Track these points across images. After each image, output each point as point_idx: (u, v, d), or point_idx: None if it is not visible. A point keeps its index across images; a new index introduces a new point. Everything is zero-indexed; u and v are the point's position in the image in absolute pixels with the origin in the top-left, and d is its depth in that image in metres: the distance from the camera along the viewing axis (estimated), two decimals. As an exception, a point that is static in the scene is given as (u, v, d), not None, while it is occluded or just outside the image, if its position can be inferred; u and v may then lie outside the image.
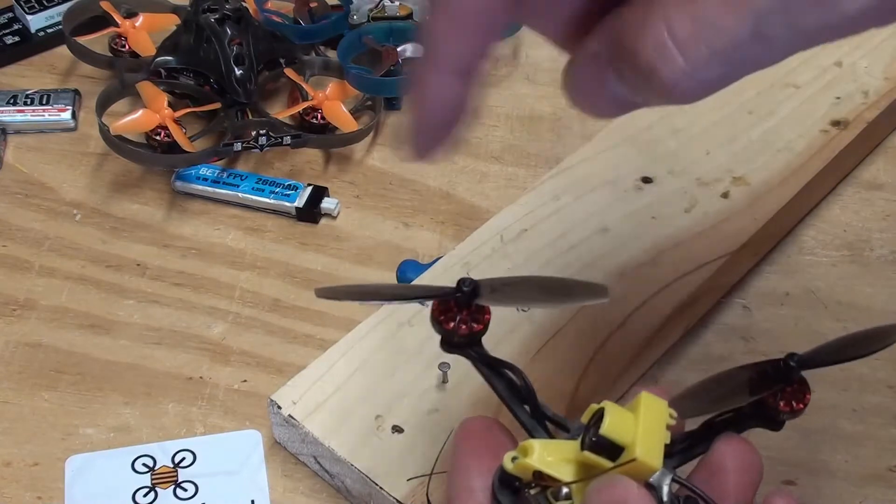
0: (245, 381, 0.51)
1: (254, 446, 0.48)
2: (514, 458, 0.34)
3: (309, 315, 0.53)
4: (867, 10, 0.30)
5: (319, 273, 0.55)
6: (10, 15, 0.67)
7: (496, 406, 0.46)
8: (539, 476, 0.34)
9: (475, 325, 0.36)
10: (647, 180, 0.55)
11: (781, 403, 0.36)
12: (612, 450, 0.33)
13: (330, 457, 0.45)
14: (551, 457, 0.34)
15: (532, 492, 0.34)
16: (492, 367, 0.37)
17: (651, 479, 0.33)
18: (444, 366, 0.47)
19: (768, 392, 0.36)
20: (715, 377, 0.37)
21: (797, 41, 0.31)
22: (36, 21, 0.65)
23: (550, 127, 0.62)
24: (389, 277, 0.54)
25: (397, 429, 0.45)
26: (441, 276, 0.51)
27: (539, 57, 0.66)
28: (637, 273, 0.51)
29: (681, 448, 0.36)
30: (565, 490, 0.33)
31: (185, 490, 0.46)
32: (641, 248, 0.52)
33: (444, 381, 0.47)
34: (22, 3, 0.66)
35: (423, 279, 0.51)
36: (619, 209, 0.54)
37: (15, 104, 0.61)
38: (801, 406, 0.36)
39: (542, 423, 0.37)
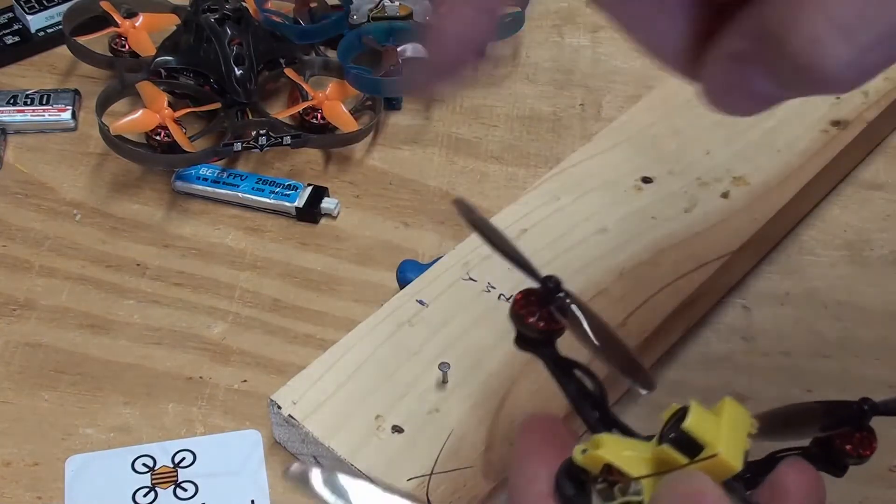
0: (245, 381, 0.51)
1: (254, 446, 0.48)
2: (584, 451, 0.33)
3: (309, 315, 0.53)
4: None
5: (319, 273, 0.55)
6: (10, 15, 0.67)
7: (496, 407, 0.46)
8: (608, 470, 0.33)
9: (554, 324, 0.36)
10: (647, 180, 0.55)
11: (849, 447, 0.35)
12: (691, 448, 0.32)
13: (330, 457, 0.45)
14: (623, 451, 0.33)
15: (599, 486, 0.33)
16: (563, 369, 0.37)
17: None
18: (444, 366, 0.47)
19: (836, 432, 0.35)
20: (789, 407, 0.37)
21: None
22: (36, 21, 0.65)
23: (550, 127, 0.62)
24: (389, 277, 0.54)
25: (397, 429, 0.45)
26: (441, 276, 0.51)
27: (539, 57, 0.66)
28: (637, 273, 0.51)
29: (743, 474, 0.36)
30: (635, 486, 0.33)
31: (185, 490, 0.46)
32: (641, 247, 0.52)
33: (444, 381, 0.47)
34: (22, 3, 0.66)
35: (424, 279, 0.51)
36: (618, 209, 0.54)
37: (15, 104, 0.61)
38: (868, 453, 0.35)
39: (610, 429, 0.36)
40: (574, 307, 0.35)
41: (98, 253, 0.56)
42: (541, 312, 0.36)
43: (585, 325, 0.36)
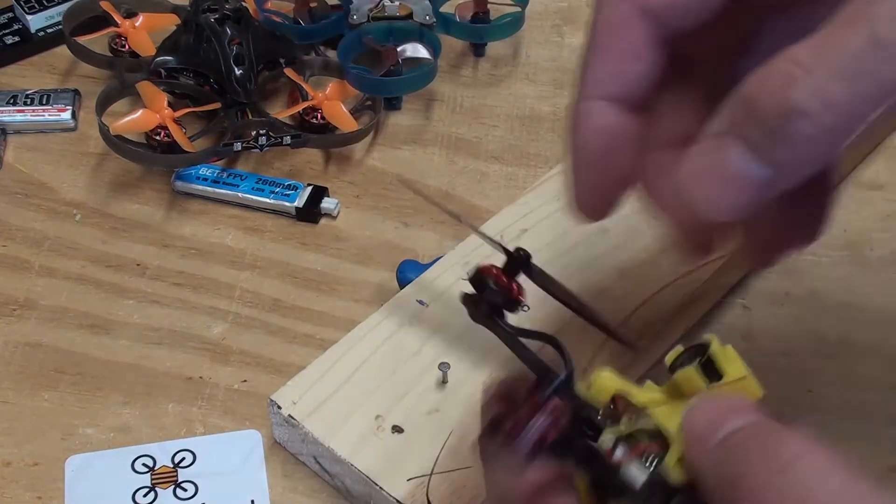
0: (245, 381, 0.51)
1: (254, 446, 0.48)
2: (588, 386, 0.33)
3: (309, 315, 0.53)
4: None
5: (319, 273, 0.55)
6: (10, 15, 0.67)
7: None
8: (612, 405, 0.33)
9: (518, 291, 0.36)
10: (647, 180, 0.55)
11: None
12: (710, 374, 0.32)
13: (330, 457, 0.45)
14: (627, 384, 0.33)
15: (602, 415, 0.33)
16: (520, 336, 0.37)
17: None
18: (444, 366, 0.47)
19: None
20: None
21: None
22: (36, 21, 0.65)
23: (550, 127, 0.62)
24: (389, 277, 0.54)
25: (397, 429, 0.45)
26: (441, 276, 0.51)
27: (539, 57, 0.66)
28: (637, 273, 0.51)
29: None
30: (644, 417, 0.33)
31: (185, 490, 0.46)
32: (641, 247, 0.52)
33: (444, 381, 0.47)
34: (22, 3, 0.66)
35: (424, 279, 0.51)
36: (618, 209, 0.54)
37: (15, 104, 0.61)
38: None
39: (573, 397, 0.36)
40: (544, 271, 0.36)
41: (98, 253, 0.56)
42: (507, 277, 0.36)
43: (560, 284, 0.37)
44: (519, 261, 0.36)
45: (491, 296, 0.39)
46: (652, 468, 0.32)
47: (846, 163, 0.59)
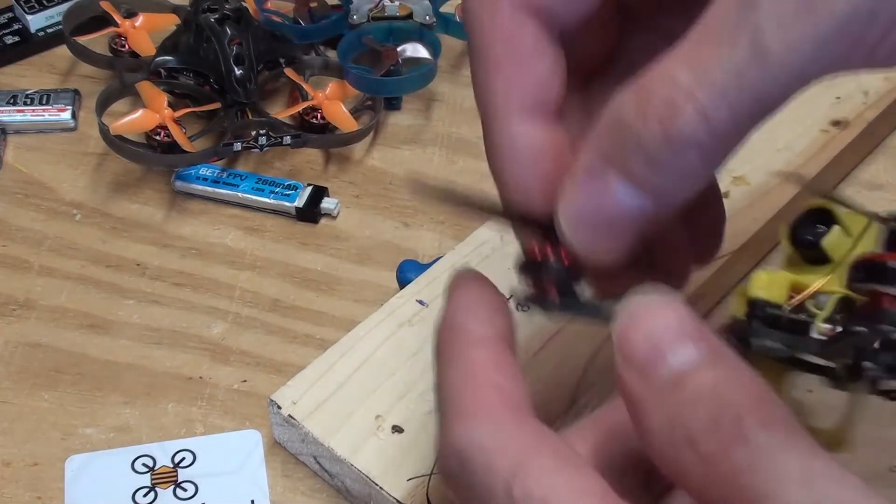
0: (245, 381, 0.51)
1: (254, 446, 0.48)
2: (759, 291, 0.33)
3: (309, 315, 0.53)
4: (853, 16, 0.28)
5: (319, 273, 0.55)
6: (10, 15, 0.67)
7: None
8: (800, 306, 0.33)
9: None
10: (647, 180, 0.55)
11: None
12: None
13: (330, 457, 0.45)
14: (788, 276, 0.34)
15: (790, 311, 0.33)
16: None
17: None
18: (444, 366, 0.47)
19: None
20: None
21: (798, 59, 0.29)
22: (36, 21, 0.65)
23: (550, 127, 0.62)
24: (389, 277, 0.54)
25: (397, 429, 0.45)
26: (441, 276, 0.51)
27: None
28: (637, 273, 0.51)
29: None
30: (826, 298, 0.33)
31: (185, 490, 0.46)
32: (641, 247, 0.52)
33: (444, 381, 0.47)
34: (22, 3, 0.66)
35: (424, 279, 0.51)
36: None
37: (15, 104, 0.61)
38: None
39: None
40: None
41: (98, 253, 0.56)
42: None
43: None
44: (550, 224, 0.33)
45: (556, 272, 0.33)
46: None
47: (846, 163, 0.59)
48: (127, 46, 0.63)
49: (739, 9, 0.28)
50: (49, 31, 0.66)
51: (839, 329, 0.32)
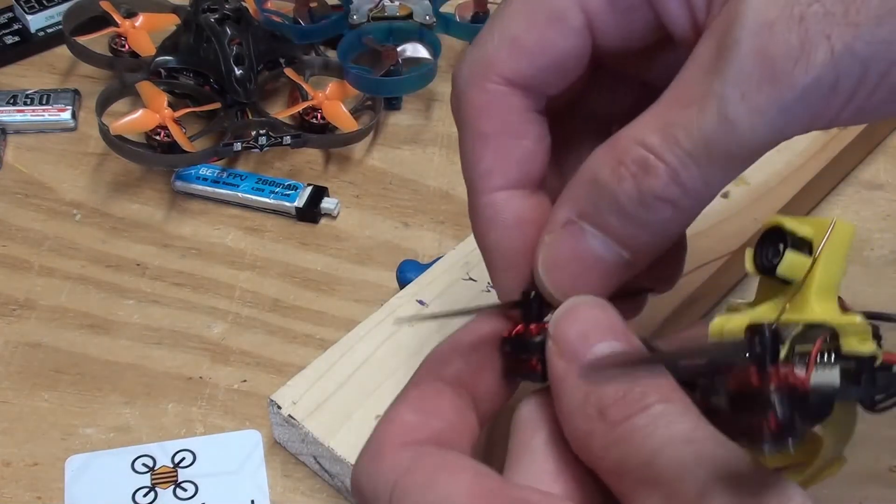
0: (245, 381, 0.51)
1: (254, 446, 0.48)
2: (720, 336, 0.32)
3: (309, 315, 0.53)
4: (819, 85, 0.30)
5: (319, 273, 0.55)
6: (10, 15, 0.66)
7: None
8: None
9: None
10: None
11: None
12: (804, 246, 0.31)
13: (330, 457, 0.45)
14: (747, 316, 0.32)
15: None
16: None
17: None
18: (444, 366, 0.47)
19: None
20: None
21: (764, 126, 0.30)
22: (36, 21, 0.65)
23: (550, 127, 0.62)
24: (389, 277, 0.54)
25: (397, 429, 0.45)
26: (441, 276, 0.51)
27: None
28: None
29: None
30: (792, 328, 0.30)
31: (185, 490, 0.46)
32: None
33: (444, 381, 0.47)
34: (22, 3, 0.66)
35: (424, 279, 0.51)
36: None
37: (15, 104, 0.61)
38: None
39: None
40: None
41: (98, 253, 0.56)
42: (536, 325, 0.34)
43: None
44: (537, 304, 0.34)
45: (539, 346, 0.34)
46: (834, 358, 0.29)
47: (846, 163, 0.59)
48: (127, 46, 0.63)
49: (706, 76, 0.30)
50: (49, 31, 0.66)
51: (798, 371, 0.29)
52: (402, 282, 0.53)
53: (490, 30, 0.35)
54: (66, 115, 0.61)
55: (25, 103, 0.61)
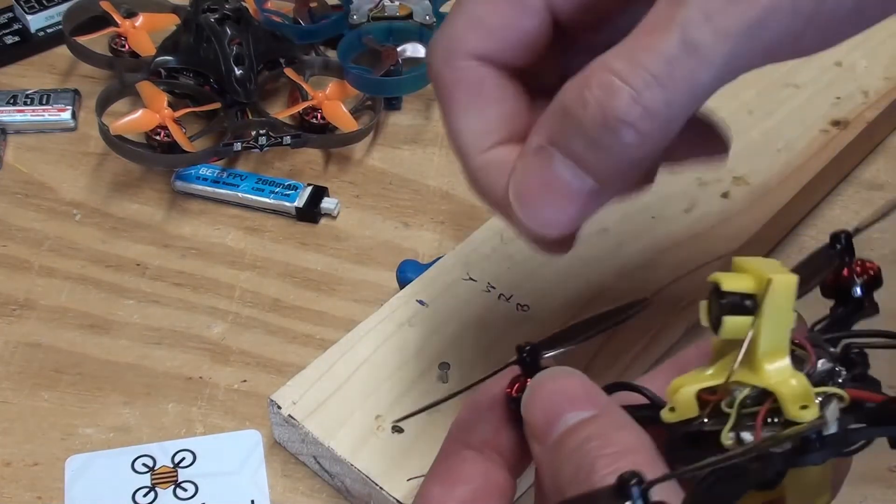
0: (245, 381, 0.51)
1: (254, 446, 0.48)
2: (671, 409, 0.31)
3: (309, 315, 0.53)
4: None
5: (319, 273, 0.55)
6: (10, 15, 0.66)
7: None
8: (703, 404, 0.31)
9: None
10: (647, 180, 0.55)
11: (846, 272, 0.34)
12: (744, 307, 0.30)
13: (330, 457, 0.45)
14: (699, 377, 0.31)
15: (709, 423, 0.30)
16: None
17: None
18: (443, 366, 0.47)
19: (832, 270, 0.35)
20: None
21: (726, 49, 0.31)
22: (36, 21, 0.65)
23: (550, 127, 0.62)
24: (389, 277, 0.54)
25: (397, 429, 0.45)
26: (441, 276, 0.51)
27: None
28: (636, 273, 0.51)
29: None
30: (736, 391, 0.30)
31: (185, 490, 0.46)
32: (641, 248, 0.52)
33: (444, 381, 0.47)
34: (22, 3, 0.66)
35: (424, 279, 0.51)
36: (618, 209, 0.54)
37: (15, 104, 0.61)
38: (869, 268, 0.34)
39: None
40: (548, 356, 0.35)
41: (98, 253, 0.56)
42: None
43: (565, 330, 0.35)
44: (531, 358, 0.34)
45: None
46: (777, 422, 0.30)
47: (846, 163, 0.59)
48: (127, 46, 0.63)
49: (670, 5, 0.31)
50: (49, 31, 0.66)
51: (746, 437, 0.29)
52: (402, 282, 0.53)
53: (457, 11, 0.37)
54: (66, 115, 0.61)
55: (25, 103, 0.61)
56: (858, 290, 0.34)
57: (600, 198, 0.34)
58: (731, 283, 0.30)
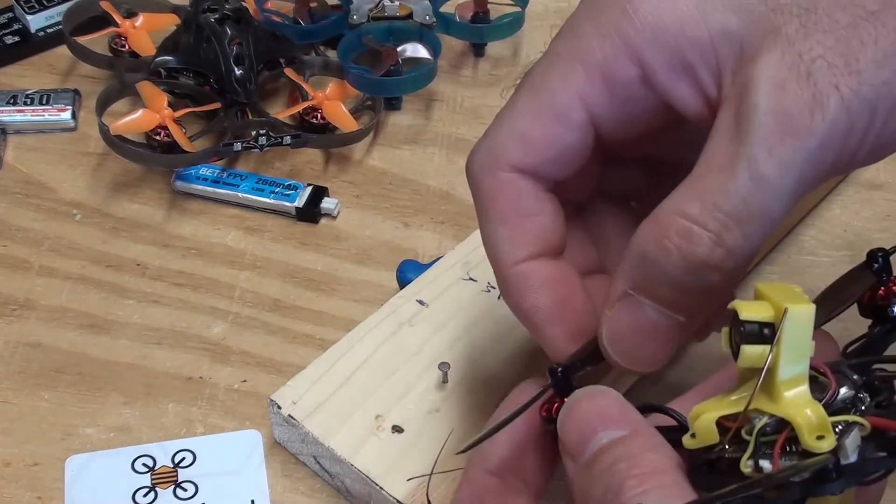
0: (245, 381, 0.51)
1: (254, 446, 0.48)
2: (692, 435, 0.32)
3: (309, 315, 0.53)
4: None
5: (319, 273, 0.55)
6: (10, 15, 0.67)
7: (496, 407, 0.46)
8: (723, 430, 0.31)
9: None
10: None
11: (883, 292, 0.35)
12: (762, 335, 0.31)
13: (330, 457, 0.45)
14: (719, 403, 0.32)
15: (729, 449, 0.31)
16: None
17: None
18: (444, 366, 0.47)
19: (869, 290, 0.35)
20: (826, 290, 0.38)
21: (793, 178, 0.33)
22: (36, 21, 0.65)
23: (550, 127, 0.62)
24: (389, 277, 0.54)
25: (397, 429, 0.45)
26: (441, 276, 0.51)
27: (539, 57, 0.66)
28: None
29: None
30: (757, 419, 0.30)
31: (185, 490, 0.46)
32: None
33: (444, 381, 0.47)
34: (22, 3, 0.66)
35: (424, 279, 0.51)
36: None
37: (15, 104, 0.61)
38: None
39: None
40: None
41: (98, 253, 0.56)
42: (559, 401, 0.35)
43: (593, 366, 0.36)
44: (563, 378, 0.35)
45: None
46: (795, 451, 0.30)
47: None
48: (127, 46, 0.63)
49: (732, 143, 0.33)
50: (49, 31, 0.66)
51: (765, 465, 0.30)
52: (402, 282, 0.53)
53: (499, 123, 0.38)
54: (66, 115, 0.61)
55: (25, 103, 0.61)
56: (895, 310, 0.35)
57: (690, 330, 0.36)
58: (750, 311, 0.31)
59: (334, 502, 0.47)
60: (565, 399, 0.34)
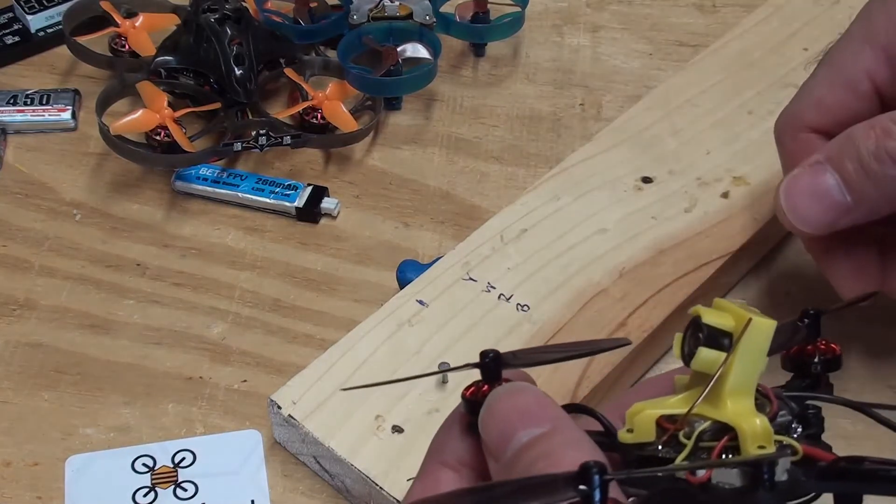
0: (245, 381, 0.51)
1: (254, 446, 0.48)
2: (629, 430, 0.31)
3: (309, 315, 0.53)
4: None
5: (319, 273, 0.55)
6: (10, 15, 0.67)
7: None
8: (661, 431, 0.31)
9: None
10: (647, 180, 0.55)
11: (810, 349, 0.35)
12: (720, 342, 0.31)
13: (330, 457, 0.45)
14: (662, 404, 0.31)
15: (663, 450, 0.31)
16: None
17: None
18: (443, 366, 0.47)
19: (795, 349, 0.35)
20: None
21: None
22: (36, 21, 0.65)
23: (550, 127, 0.62)
24: (389, 277, 0.54)
25: (397, 429, 0.45)
26: (441, 276, 0.51)
27: (539, 57, 0.66)
28: (637, 273, 0.51)
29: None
30: (696, 423, 0.30)
31: (185, 490, 0.46)
32: (641, 247, 0.52)
33: (444, 381, 0.47)
34: (22, 3, 0.66)
35: (424, 279, 0.51)
36: (618, 209, 0.54)
37: (15, 104, 0.61)
38: (833, 348, 0.35)
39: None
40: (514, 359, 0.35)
41: (98, 253, 0.56)
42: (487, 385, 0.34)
43: (539, 348, 0.35)
44: (493, 364, 0.33)
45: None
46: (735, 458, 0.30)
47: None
48: (127, 46, 0.63)
49: None
50: (49, 31, 0.66)
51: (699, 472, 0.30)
52: (402, 282, 0.53)
53: (801, 90, 0.47)
54: (66, 115, 0.61)
55: (25, 103, 0.61)
56: (819, 368, 0.35)
57: (849, 216, 0.43)
58: (712, 317, 0.31)
59: (334, 502, 0.47)
60: (488, 386, 0.33)
